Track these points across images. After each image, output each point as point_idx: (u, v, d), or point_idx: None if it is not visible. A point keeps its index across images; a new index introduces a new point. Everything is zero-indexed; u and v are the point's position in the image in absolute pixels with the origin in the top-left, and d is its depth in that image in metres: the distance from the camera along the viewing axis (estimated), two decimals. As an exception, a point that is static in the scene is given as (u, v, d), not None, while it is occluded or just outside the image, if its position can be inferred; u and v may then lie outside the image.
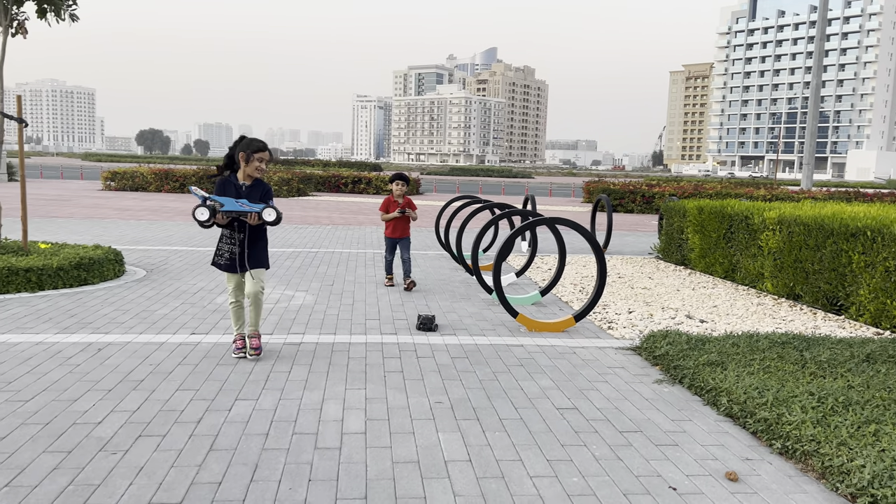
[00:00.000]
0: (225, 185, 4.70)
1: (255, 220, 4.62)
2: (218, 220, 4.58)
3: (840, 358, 4.90)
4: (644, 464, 3.40)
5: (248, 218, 4.62)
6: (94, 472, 3.09)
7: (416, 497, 2.97)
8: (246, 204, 4.58)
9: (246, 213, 4.60)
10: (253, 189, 4.74)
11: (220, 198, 4.57)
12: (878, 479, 3.04)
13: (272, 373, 4.62)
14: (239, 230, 4.76)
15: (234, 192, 4.68)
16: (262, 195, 4.76)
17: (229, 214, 4.59)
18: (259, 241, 4.85)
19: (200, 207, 4.47)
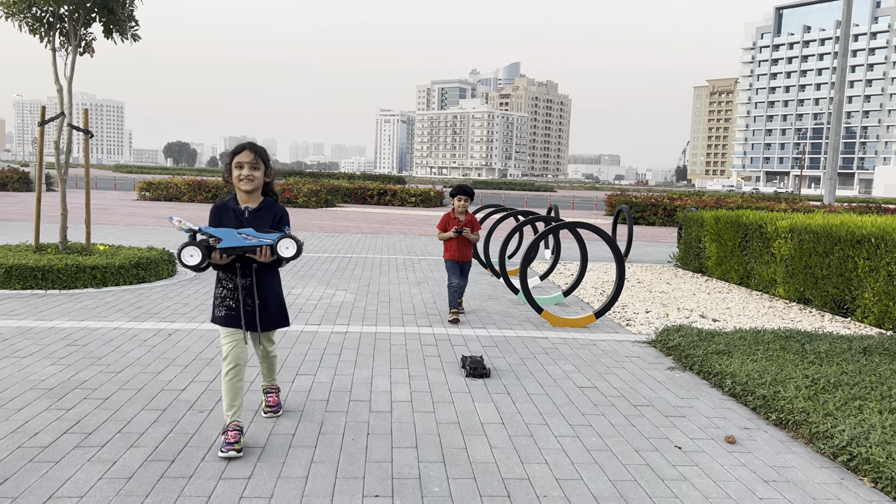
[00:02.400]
0: (221, 212, 3.40)
1: (266, 256, 3.28)
2: (216, 260, 3.24)
3: (838, 349, 5.37)
4: (654, 429, 3.92)
5: (257, 254, 3.28)
6: (187, 425, 3.68)
7: (459, 448, 3.52)
8: (252, 235, 3.27)
9: (254, 249, 3.26)
10: (260, 214, 3.43)
11: (215, 230, 3.24)
12: (856, 440, 3.53)
13: (325, 355, 5.20)
14: (243, 273, 3.41)
15: (234, 220, 3.37)
16: (274, 221, 3.45)
17: (232, 252, 3.25)
18: (273, 285, 3.56)
19: (189, 247, 3.14)
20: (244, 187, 3.39)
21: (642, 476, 3.29)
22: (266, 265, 3.44)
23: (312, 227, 16.99)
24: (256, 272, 3.44)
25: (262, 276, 3.48)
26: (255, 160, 3.40)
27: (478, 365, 4.77)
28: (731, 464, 3.48)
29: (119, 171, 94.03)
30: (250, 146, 3.43)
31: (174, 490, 2.92)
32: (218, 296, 3.48)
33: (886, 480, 3.22)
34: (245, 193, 3.42)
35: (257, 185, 3.42)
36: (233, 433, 3.32)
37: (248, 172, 3.38)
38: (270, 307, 3.55)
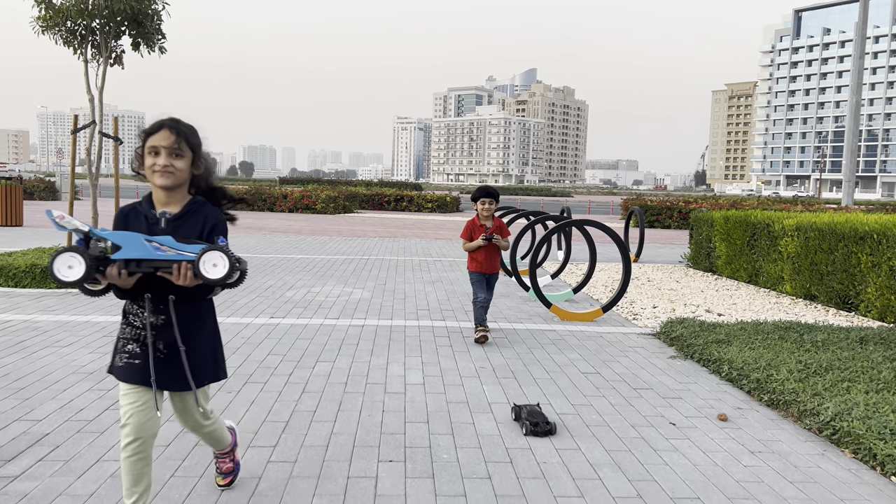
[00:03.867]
0: (129, 219, 2.43)
1: (188, 277, 2.24)
2: (112, 278, 2.23)
3: (834, 339, 5.58)
4: (651, 409, 4.18)
5: (173, 274, 2.25)
6: (217, 403, 4.00)
7: (467, 423, 3.81)
8: (170, 246, 2.26)
9: (168, 265, 2.24)
10: (182, 222, 2.42)
11: (113, 233, 2.25)
12: (839, 416, 3.76)
13: (343, 345, 5.51)
14: (156, 304, 2.40)
15: (145, 227, 2.39)
16: (204, 232, 2.42)
17: (136, 269, 2.25)
18: (201, 325, 2.50)
19: (67, 255, 2.19)
20: (159, 182, 2.36)
21: (636, 447, 3.55)
22: (190, 294, 2.38)
23: (330, 232, 17.36)
24: (175, 305, 2.38)
25: (184, 311, 2.41)
26: (176, 144, 2.37)
27: (539, 419, 3.65)
28: (722, 438, 3.73)
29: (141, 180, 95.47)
30: (171, 123, 2.40)
31: (207, 456, 3.23)
32: (120, 336, 2.45)
33: (865, 451, 3.46)
34: (162, 192, 2.40)
35: (179, 180, 2.40)
36: None
37: (165, 162, 2.35)
38: (196, 356, 2.44)
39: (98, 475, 2.99)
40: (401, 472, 3.13)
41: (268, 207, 27.08)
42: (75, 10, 8.46)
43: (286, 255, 11.84)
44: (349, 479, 3.03)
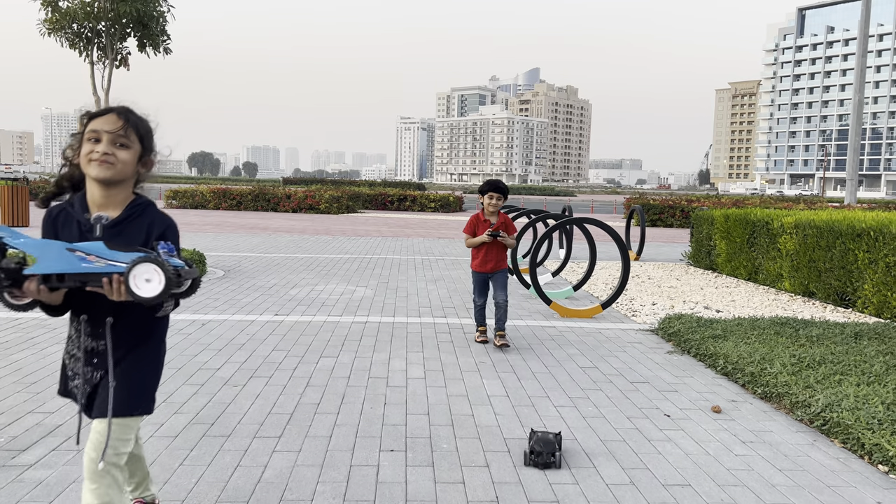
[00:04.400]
0: (58, 223, 2.07)
1: (120, 292, 1.86)
2: (30, 293, 1.91)
3: (829, 334, 5.67)
4: (647, 401, 4.28)
5: (106, 289, 1.88)
6: (224, 396, 4.11)
7: (467, 415, 3.91)
8: (98, 255, 1.88)
9: (97, 279, 1.88)
10: (123, 228, 2.05)
11: (28, 242, 1.90)
12: (830, 407, 3.86)
13: (346, 341, 5.62)
14: (93, 326, 2.08)
15: (76, 234, 2.04)
16: (150, 239, 2.06)
17: (60, 285, 1.91)
18: (139, 348, 2.14)
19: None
20: (95, 172, 1.97)
21: (631, 437, 3.65)
22: (137, 313, 2.05)
23: (334, 232, 17.48)
24: (114, 329, 2.04)
25: (125, 335, 2.08)
26: (122, 131, 2.00)
27: (544, 448, 3.17)
28: (714, 429, 3.83)
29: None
30: (121, 109, 2.05)
31: (215, 446, 3.34)
32: (65, 359, 2.20)
33: (853, 440, 3.55)
34: (99, 189, 2.01)
35: (120, 174, 2.01)
36: None
37: (105, 149, 1.97)
38: (124, 382, 2.08)
39: (110, 464, 3.10)
40: (402, 460, 3.24)
41: (271, 208, 27.21)
42: (82, 12, 8.60)
43: (290, 254, 11.96)
44: (352, 468, 3.14)
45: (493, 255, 5.57)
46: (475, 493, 2.93)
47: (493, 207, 5.60)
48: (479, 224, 5.64)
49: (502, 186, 5.58)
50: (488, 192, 5.57)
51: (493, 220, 5.61)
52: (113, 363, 2.07)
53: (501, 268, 5.62)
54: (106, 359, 2.08)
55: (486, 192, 5.59)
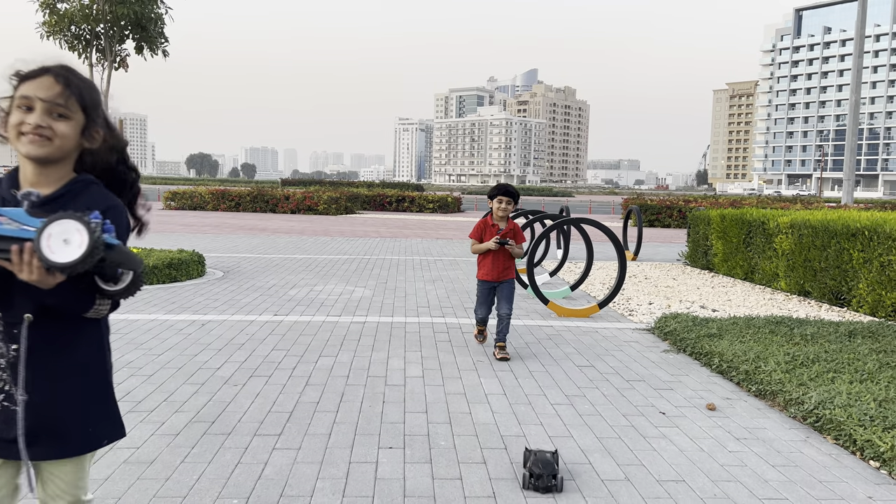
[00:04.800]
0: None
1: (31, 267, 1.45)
2: None
3: (824, 332, 5.73)
4: (643, 399, 4.33)
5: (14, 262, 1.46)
6: (224, 395, 4.16)
7: (464, 413, 3.96)
8: (11, 218, 1.49)
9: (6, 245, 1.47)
10: (56, 207, 1.59)
11: None
12: (823, 404, 3.91)
13: (345, 340, 5.66)
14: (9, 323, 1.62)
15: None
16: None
17: None
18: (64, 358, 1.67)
19: None
20: (26, 150, 1.61)
21: (626, 434, 3.70)
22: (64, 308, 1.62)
23: (332, 233, 17.52)
24: (31, 329, 1.61)
25: (44, 339, 1.64)
26: (61, 99, 1.62)
27: (544, 471, 2.93)
28: (709, 426, 3.88)
29: (143, 182, 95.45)
30: (59, 70, 1.65)
31: (216, 443, 3.38)
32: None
33: (846, 437, 3.60)
34: (32, 166, 1.65)
35: (58, 151, 1.64)
36: None
37: (39, 121, 1.59)
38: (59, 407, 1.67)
39: (112, 461, 3.14)
40: (400, 457, 3.28)
41: (270, 209, 27.25)
42: (80, 15, 8.64)
43: (289, 255, 12.00)
44: (351, 465, 3.18)
45: (499, 263, 5.27)
46: (472, 488, 2.98)
47: (503, 212, 5.28)
48: (487, 229, 5.30)
49: (512, 190, 5.26)
50: (497, 195, 5.27)
51: (502, 225, 5.30)
52: (24, 381, 1.60)
53: (508, 277, 5.30)
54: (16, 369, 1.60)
55: (495, 195, 5.29)
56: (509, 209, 5.26)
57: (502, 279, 5.28)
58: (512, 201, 5.23)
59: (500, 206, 5.24)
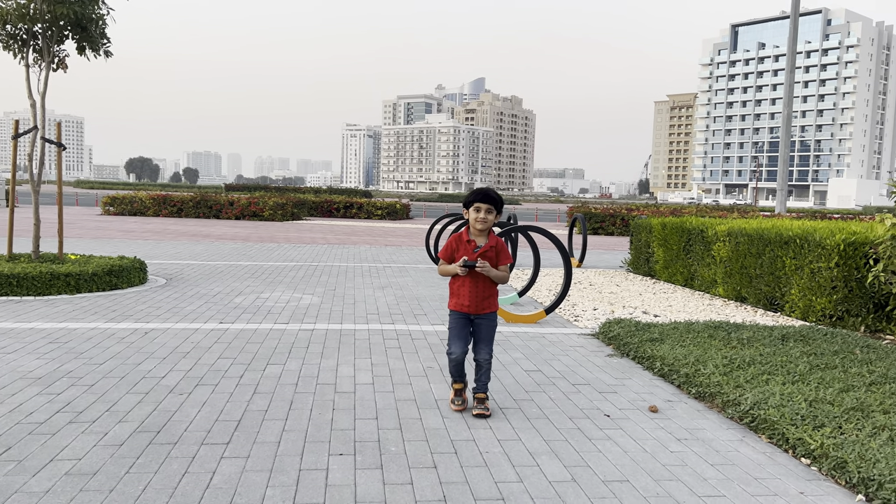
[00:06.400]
0: None
1: None
2: None
3: (759, 336, 5.97)
4: (588, 402, 4.44)
5: None
6: (169, 404, 4.08)
7: (415, 418, 3.99)
8: None
9: None
10: None
11: None
12: (757, 405, 4.09)
13: (293, 348, 5.62)
14: None
15: None
16: None
17: None
18: None
19: None
20: None
21: (573, 437, 3.79)
22: None
23: (279, 239, 17.31)
24: None
25: None
26: None
27: None
28: (652, 427, 4.00)
29: (80, 186, 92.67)
30: None
31: (162, 453, 3.32)
32: None
33: (779, 436, 3.77)
34: None
35: None
36: None
37: None
38: None
39: (52, 473, 3.05)
40: (351, 464, 3.29)
41: (213, 214, 26.72)
42: (15, 14, 8.35)
43: (234, 261, 11.81)
44: (301, 472, 3.18)
45: (478, 290, 4.04)
46: (423, 493, 3.01)
47: (482, 224, 4.02)
48: (461, 246, 4.08)
49: (494, 196, 4.04)
50: (475, 202, 4.03)
51: (481, 242, 4.07)
52: None
53: (488, 310, 4.10)
54: None
55: (471, 202, 4.05)
56: (490, 219, 4.03)
57: (482, 312, 4.08)
58: (493, 210, 4.03)
59: (479, 217, 4.01)
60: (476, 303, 4.06)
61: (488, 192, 4.06)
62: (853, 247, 7.14)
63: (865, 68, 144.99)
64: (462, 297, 4.08)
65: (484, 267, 3.95)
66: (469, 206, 4.08)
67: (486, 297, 4.08)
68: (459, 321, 4.12)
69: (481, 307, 4.08)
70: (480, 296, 4.07)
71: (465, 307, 4.07)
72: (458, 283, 4.10)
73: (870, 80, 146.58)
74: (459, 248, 4.09)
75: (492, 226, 4.07)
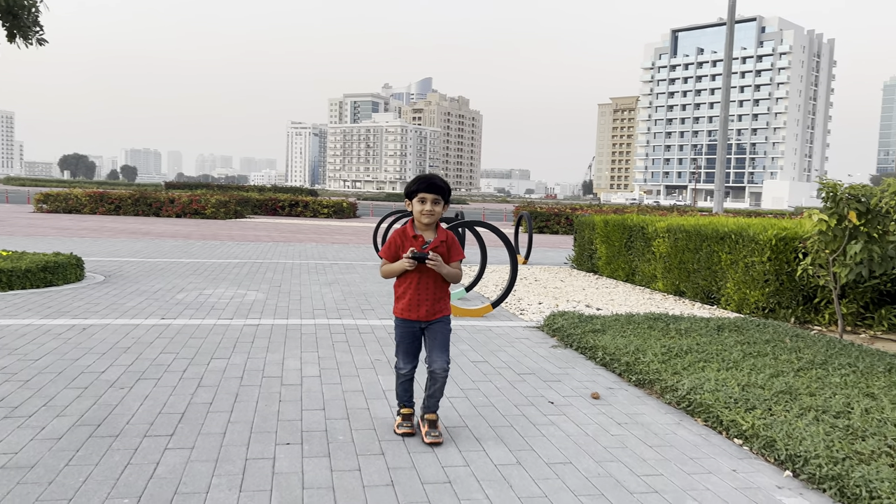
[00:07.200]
0: None
1: None
2: None
3: (696, 327, 6.19)
4: (533, 390, 4.53)
5: None
6: (110, 398, 3.99)
7: (363, 408, 4.01)
8: None
9: None
10: None
11: None
12: (694, 390, 4.25)
13: (238, 342, 5.56)
14: None
15: None
16: None
17: None
18: None
19: None
20: None
21: (518, 423, 3.87)
22: None
23: (222, 237, 17.00)
24: None
25: None
26: None
27: None
28: (594, 412, 4.12)
29: (10, 183, 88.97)
30: None
31: (103, 446, 3.26)
32: None
33: (714, 418, 3.94)
34: None
35: None
36: None
37: None
38: None
39: (-13, 468, 2.96)
40: (298, 452, 3.29)
41: (153, 212, 26.05)
42: (-57, -2, 8.00)
43: (175, 259, 11.55)
44: (247, 461, 3.16)
45: (428, 291, 3.53)
46: (371, 478, 3.04)
47: (429, 217, 3.50)
48: (407, 242, 3.54)
49: (441, 184, 3.53)
50: (420, 192, 3.50)
51: (429, 237, 3.56)
52: None
53: (441, 314, 3.59)
54: None
55: (415, 192, 3.52)
56: (437, 211, 3.52)
57: (434, 317, 3.56)
58: (441, 200, 3.52)
59: (424, 209, 3.49)
60: (427, 307, 3.52)
61: (434, 180, 3.51)
62: (784, 242, 7.47)
63: (797, 75, 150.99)
64: (410, 302, 3.52)
65: (436, 261, 3.42)
66: (412, 196, 3.53)
67: (437, 299, 3.56)
68: (408, 332, 3.58)
69: (433, 311, 3.54)
70: (432, 298, 3.53)
71: (415, 313, 3.52)
72: (404, 286, 3.55)
73: (801, 87, 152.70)
74: (405, 244, 3.52)
75: (439, 219, 3.58)
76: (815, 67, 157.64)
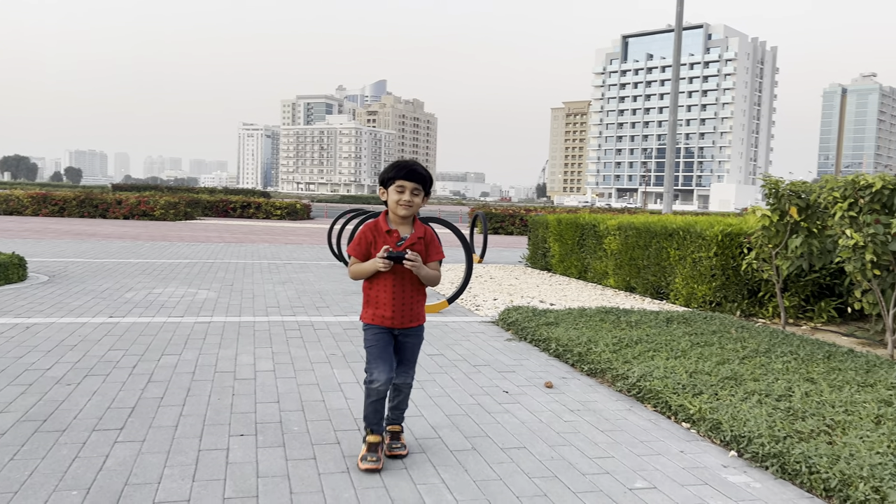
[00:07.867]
0: None
1: None
2: None
3: (646, 320, 6.34)
4: (488, 381, 4.58)
5: None
6: (56, 395, 3.89)
7: (318, 400, 3.99)
8: None
9: None
10: None
11: None
12: (643, 378, 4.36)
13: (189, 339, 5.47)
14: None
15: None
16: None
17: None
18: None
19: None
20: None
21: (473, 411, 3.91)
22: None
23: (171, 238, 16.65)
24: None
25: None
26: None
27: None
28: (547, 401, 4.19)
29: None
30: None
31: (49, 440, 3.18)
32: None
33: (663, 404, 4.05)
34: None
35: None
36: None
37: None
38: None
39: (-75, 465, 2.86)
40: (252, 443, 3.27)
41: (100, 214, 25.36)
42: None
43: (123, 259, 11.28)
44: (200, 452, 3.12)
45: (402, 296, 3.10)
46: (327, 465, 3.03)
47: (406, 209, 3.04)
48: (380, 238, 3.09)
49: (423, 172, 3.06)
50: (398, 179, 3.04)
51: (405, 232, 3.11)
52: None
53: (416, 322, 3.19)
54: None
55: (392, 179, 3.05)
56: (416, 203, 3.05)
57: (409, 325, 3.15)
58: (421, 190, 3.06)
59: (403, 199, 3.02)
60: (401, 313, 3.09)
61: (415, 167, 3.04)
62: (730, 237, 7.71)
63: (742, 81, 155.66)
64: (382, 307, 3.08)
65: (415, 262, 2.98)
66: (389, 184, 3.05)
67: (413, 303, 3.13)
68: (380, 337, 3.11)
69: (408, 318, 3.12)
70: (407, 303, 3.11)
71: (387, 319, 3.08)
72: (376, 289, 3.09)
73: (746, 92, 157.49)
74: (377, 240, 3.07)
75: (416, 212, 3.12)
76: (759, 74, 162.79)
